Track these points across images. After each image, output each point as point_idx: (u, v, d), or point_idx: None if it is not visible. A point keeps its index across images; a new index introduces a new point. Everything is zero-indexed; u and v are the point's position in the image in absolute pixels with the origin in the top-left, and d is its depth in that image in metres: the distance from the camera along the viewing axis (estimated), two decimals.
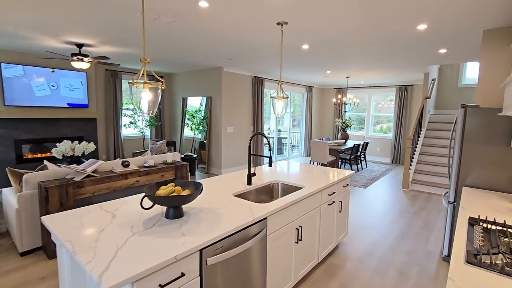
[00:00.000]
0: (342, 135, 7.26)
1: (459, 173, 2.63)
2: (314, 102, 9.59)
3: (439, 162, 5.66)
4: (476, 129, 2.52)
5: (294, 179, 2.64)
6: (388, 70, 6.09)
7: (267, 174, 2.84)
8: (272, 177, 2.71)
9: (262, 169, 3.11)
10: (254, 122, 6.96)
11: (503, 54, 3.02)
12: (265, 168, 3.15)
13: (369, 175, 6.64)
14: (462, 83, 7.20)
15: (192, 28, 3.29)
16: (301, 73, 6.74)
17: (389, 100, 8.89)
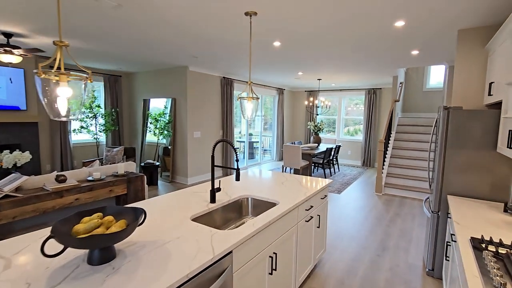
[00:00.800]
0: (315, 138, 7.08)
1: (443, 180, 2.44)
2: (286, 105, 9.39)
3: (410, 165, 5.66)
4: (460, 132, 2.34)
5: (267, 193, 2.26)
6: (359, 73, 6.02)
7: (236, 187, 2.43)
8: (241, 191, 2.31)
9: (231, 181, 2.70)
10: (224, 126, 6.53)
11: (479, 55, 2.93)
12: (233, 179, 2.74)
13: (342, 179, 6.50)
14: (427, 87, 7.40)
15: (146, 17, 2.80)
16: (272, 74, 6.45)
17: (357, 104, 8.96)
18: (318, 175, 6.80)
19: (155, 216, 1.71)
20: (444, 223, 2.46)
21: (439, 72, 7.29)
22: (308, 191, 2.33)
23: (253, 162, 8.37)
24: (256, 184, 2.55)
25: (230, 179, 2.75)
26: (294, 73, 6.27)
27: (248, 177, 2.84)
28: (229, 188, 2.40)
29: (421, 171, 5.40)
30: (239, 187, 2.44)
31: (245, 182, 2.62)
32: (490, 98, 2.54)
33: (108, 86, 6.24)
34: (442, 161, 2.43)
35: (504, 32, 2.23)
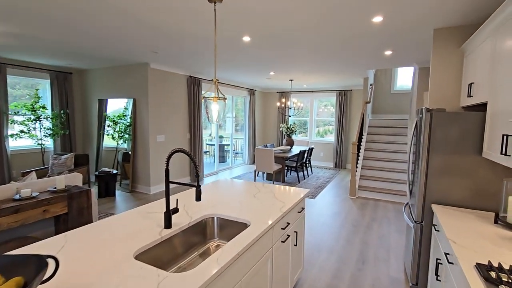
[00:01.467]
0: (287, 141, 6.87)
1: (426, 188, 2.26)
2: (258, 107, 9.11)
3: (382, 167, 5.64)
4: (444, 136, 2.17)
5: (237, 209, 1.91)
6: (332, 74, 5.90)
7: (199, 204, 2.05)
8: (206, 208, 1.93)
9: (194, 194, 2.30)
10: (191, 128, 6.06)
11: (454, 55, 2.84)
12: None
13: (315, 182, 6.35)
14: (394, 89, 7.55)
15: (94, 2, 2.32)
16: (243, 74, 6.11)
17: (326, 105, 8.96)
18: (291, 179, 6.59)
19: (86, 254, 1.27)
20: (428, 234, 2.28)
21: (406, 74, 7.47)
22: (284, 206, 2.02)
23: (224, 166, 7.97)
24: (225, 198, 2.18)
25: (194, 192, 2.36)
26: (265, 73, 5.99)
27: (215, 189, 2.46)
28: (191, 205, 2.01)
29: (393, 173, 5.39)
30: (203, 203, 2.06)
31: (211, 196, 2.24)
32: (469, 100, 2.43)
33: (56, 85, 5.48)
34: (425, 167, 2.26)
35: (485, 31, 2.10)
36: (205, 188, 2.50)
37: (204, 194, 2.33)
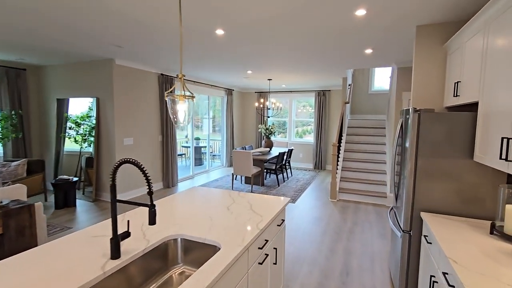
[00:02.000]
0: (266, 142, 6.63)
1: (414, 194, 2.09)
2: (236, 107, 8.81)
3: (362, 168, 5.56)
4: (433, 139, 2.01)
5: (206, 227, 1.61)
6: (310, 73, 5.75)
7: (161, 220, 1.73)
8: (170, 226, 1.62)
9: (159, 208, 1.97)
10: (164, 130, 5.64)
11: (437, 53, 2.72)
12: (167, 202, 2.02)
13: (295, 185, 6.16)
14: (372, 89, 7.57)
15: None
16: (220, 72, 5.80)
17: (304, 106, 8.86)
18: (271, 182, 6.36)
19: None
20: (417, 243, 2.11)
21: (382, 76, 7.51)
22: (262, 220, 1.75)
23: (201, 169, 7.59)
24: (193, 212, 1.88)
25: (160, 205, 2.02)
26: (243, 72, 5.72)
27: (183, 201, 2.14)
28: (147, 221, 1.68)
29: (373, 174, 5.32)
30: (165, 220, 1.74)
31: (178, 209, 1.92)
32: (455, 100, 2.30)
33: (6, 82, 4.86)
34: (413, 172, 2.09)
35: (473, 26, 1.97)
36: (171, 200, 2.18)
37: (169, 208, 2.00)
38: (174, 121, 1.99)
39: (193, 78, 6.48)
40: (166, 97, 1.97)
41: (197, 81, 6.69)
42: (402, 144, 2.37)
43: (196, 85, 6.68)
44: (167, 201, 2.16)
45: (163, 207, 2.01)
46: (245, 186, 5.94)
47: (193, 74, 6.07)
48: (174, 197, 2.28)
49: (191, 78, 6.46)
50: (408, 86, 4.53)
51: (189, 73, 5.91)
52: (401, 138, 2.44)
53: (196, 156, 8.57)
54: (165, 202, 2.12)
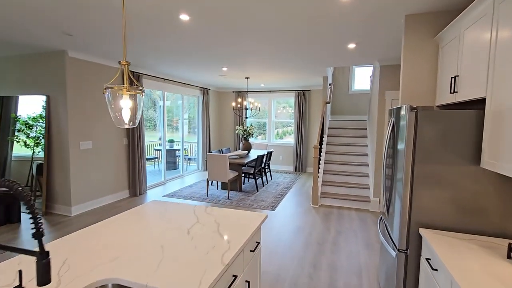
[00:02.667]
0: (244, 145, 6.24)
1: (411, 207, 1.78)
2: (212, 107, 8.34)
3: (344, 171, 5.31)
4: (434, 141, 1.71)
5: (153, 263, 1.18)
6: (289, 72, 5.43)
7: (97, 252, 1.27)
8: (104, 263, 1.17)
9: (101, 229, 1.50)
10: (129, 132, 5.08)
11: (428, 46, 2.46)
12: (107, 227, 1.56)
13: (275, 189, 5.81)
14: (352, 90, 7.41)
15: None
16: (192, 69, 5.33)
17: (284, 107, 8.58)
18: (249, 187, 5.96)
19: None
20: (415, 265, 1.80)
21: (363, 75, 7.37)
22: (230, 247, 1.36)
23: (175, 174, 7.05)
24: (141, 238, 1.44)
25: (100, 229, 1.55)
26: (218, 69, 5.29)
27: (131, 222, 1.69)
28: (78, 259, 1.22)
29: (355, 177, 5.08)
30: (98, 253, 1.29)
31: (121, 235, 1.47)
32: (452, 97, 2.03)
33: None
34: (409, 180, 1.78)
35: (474, 12, 1.69)
36: (116, 221, 1.72)
37: (110, 233, 1.54)
38: (116, 121, 1.55)
39: (163, 75, 5.96)
40: (104, 89, 1.52)
41: (169, 79, 6.17)
42: (394, 147, 2.07)
43: (168, 83, 6.16)
44: (111, 223, 1.70)
45: (101, 233, 1.55)
46: (221, 192, 5.50)
47: (163, 71, 5.56)
48: (123, 216, 1.82)
49: (161, 75, 5.93)
50: (392, 85, 4.32)
51: (158, 69, 5.39)
52: (392, 139, 2.14)
53: (170, 159, 8.01)
54: (108, 225, 1.66)
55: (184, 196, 5.20)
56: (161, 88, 6.01)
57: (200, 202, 4.89)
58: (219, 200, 5.02)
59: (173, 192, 5.48)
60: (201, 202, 4.87)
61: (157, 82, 5.82)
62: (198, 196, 5.25)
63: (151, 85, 5.65)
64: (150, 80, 5.63)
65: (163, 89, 6.07)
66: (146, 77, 5.49)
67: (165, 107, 6.17)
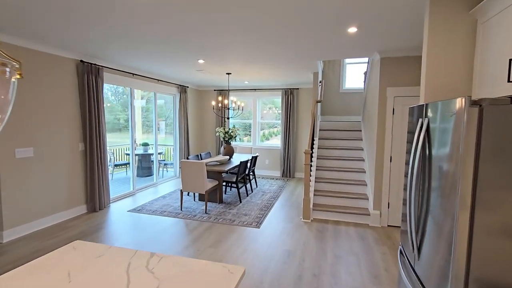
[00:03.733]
0: (226, 149, 5.52)
1: (471, 253, 1.14)
2: (191, 107, 7.57)
3: (338, 178, 4.70)
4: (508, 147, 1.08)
5: None
6: (275, 66, 4.77)
7: None
8: None
9: None
10: (87, 136, 4.25)
11: (462, 23, 1.85)
12: None
13: (260, 199, 5.13)
14: (343, 88, 6.86)
15: None
16: (163, 63, 4.56)
17: (270, 108, 7.94)
18: (231, 197, 5.25)
19: None
20: None
21: (355, 73, 6.83)
22: None
23: (148, 182, 6.23)
24: None
25: None
26: (193, 62, 4.55)
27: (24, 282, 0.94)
28: None
29: (351, 185, 4.48)
30: None
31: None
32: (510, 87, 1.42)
33: None
34: (469, 210, 1.13)
35: None
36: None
37: None
38: None
39: (130, 69, 5.15)
40: None
41: (138, 74, 5.36)
42: (429, 157, 1.43)
43: (137, 79, 5.35)
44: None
45: None
46: (198, 205, 4.76)
47: (129, 64, 4.76)
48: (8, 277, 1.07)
49: (128, 69, 5.13)
50: (395, 81, 3.74)
51: (123, 62, 4.58)
52: (425, 147, 1.50)
53: (145, 165, 7.18)
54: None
55: (153, 211, 4.42)
56: (129, 84, 5.20)
57: (172, 218, 4.13)
58: (195, 215, 4.27)
59: (142, 206, 4.68)
60: (173, 219, 4.10)
61: (123, 77, 5.00)
62: (171, 210, 4.49)
63: (116, 80, 4.83)
64: (115, 74, 4.81)
65: (131, 86, 5.25)
66: (108, 70, 4.66)
67: (134, 106, 5.36)
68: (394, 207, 3.85)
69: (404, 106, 3.72)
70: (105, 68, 4.58)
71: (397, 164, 3.79)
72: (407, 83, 3.69)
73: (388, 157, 3.82)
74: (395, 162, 3.80)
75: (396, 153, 3.79)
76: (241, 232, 3.66)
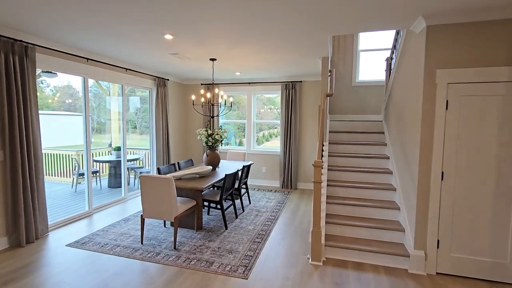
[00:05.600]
0: (209, 157, 4.29)
1: None
2: (173, 104, 6.34)
3: (355, 198, 3.47)
4: None
5: None
6: (272, 50, 3.55)
7: None
8: None
9: None
10: (6, 141, 3.02)
11: None
12: None
13: (253, 224, 3.90)
14: (356, 81, 5.63)
15: None
16: (118, 39, 3.34)
17: (270, 108, 6.71)
18: (215, 221, 4.02)
19: None
20: None
21: (371, 62, 5.59)
22: None
23: (114, 198, 5.00)
24: None
25: None
26: (158, 37, 3.33)
27: None
28: None
29: (376, 209, 3.24)
30: None
31: None
32: None
33: None
34: None
35: None
36: None
37: None
38: None
39: (83, 52, 3.93)
40: None
41: (96, 60, 4.14)
42: None
43: (94, 66, 4.12)
44: None
45: None
46: (167, 234, 3.52)
47: (80, 44, 3.53)
48: None
49: (80, 52, 3.90)
50: (450, 60, 2.51)
51: (70, 41, 3.36)
52: None
53: (119, 173, 5.95)
54: None
55: (103, 245, 3.18)
56: (82, 72, 3.97)
57: (125, 259, 2.90)
58: (159, 252, 3.04)
59: (91, 235, 3.44)
60: (125, 260, 2.87)
61: (71, 62, 3.78)
62: (128, 242, 3.25)
63: (58, 65, 3.60)
64: (56, 57, 3.58)
65: (85, 74, 4.03)
66: (45, 51, 3.44)
67: (88, 100, 4.12)
68: (447, 246, 2.62)
69: (465, 97, 2.50)
70: (39, 47, 3.35)
71: (453, 183, 2.56)
72: (470, 62, 2.47)
73: (438, 173, 2.58)
74: (450, 181, 2.56)
75: (451, 167, 2.56)
76: (221, 286, 2.43)
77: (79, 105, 8.43)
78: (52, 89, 8.37)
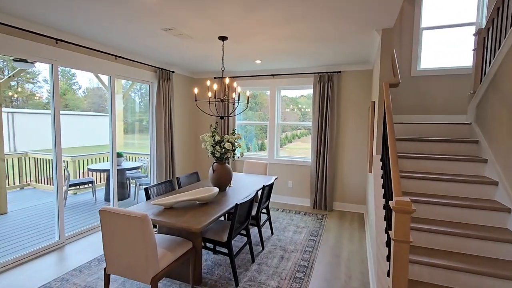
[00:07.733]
0: (216, 173, 3.08)
1: None
2: (180, 102, 5.27)
3: (448, 250, 2.10)
4: None
5: None
6: (312, 13, 2.27)
7: None
8: None
9: None
10: None
11: None
12: None
13: (277, 281, 2.63)
14: (418, 69, 4.18)
15: None
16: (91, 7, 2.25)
17: (293, 108, 5.41)
18: (221, 266, 2.80)
19: None
20: None
21: (437, 45, 4.11)
22: None
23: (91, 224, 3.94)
24: None
25: None
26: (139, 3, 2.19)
27: None
28: None
29: (494, 280, 1.85)
30: None
31: None
32: None
33: None
34: None
35: None
36: None
37: None
38: None
39: (52, 32, 2.90)
40: None
41: (74, 43, 3.10)
42: None
43: (66, 49, 3.10)
44: None
45: None
46: None
47: (49, 20, 2.49)
48: None
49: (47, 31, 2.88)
50: None
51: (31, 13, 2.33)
52: None
53: (119, 184, 4.97)
54: None
55: None
56: (51, 58, 2.95)
57: None
58: None
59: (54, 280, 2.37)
60: None
61: (36, 43, 2.76)
62: None
63: (15, 47, 2.58)
64: (14, 36, 2.56)
65: (55, 61, 3.01)
66: (3, 29, 2.43)
67: (58, 95, 3.10)
68: None
69: None
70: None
71: None
72: None
73: None
74: None
75: None
76: None
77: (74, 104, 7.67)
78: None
